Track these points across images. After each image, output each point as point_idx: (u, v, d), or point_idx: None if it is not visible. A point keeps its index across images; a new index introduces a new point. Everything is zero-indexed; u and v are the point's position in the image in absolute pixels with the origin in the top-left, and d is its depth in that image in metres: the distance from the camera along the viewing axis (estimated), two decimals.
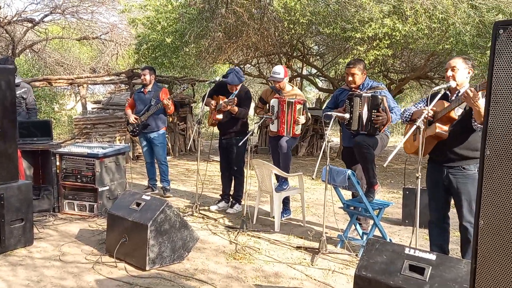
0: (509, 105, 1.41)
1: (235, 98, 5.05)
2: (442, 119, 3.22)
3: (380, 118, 3.94)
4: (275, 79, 4.96)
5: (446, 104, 3.21)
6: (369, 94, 4.04)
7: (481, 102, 2.92)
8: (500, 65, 1.44)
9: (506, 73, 1.41)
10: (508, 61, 1.41)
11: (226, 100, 5.08)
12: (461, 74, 3.20)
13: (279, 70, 4.92)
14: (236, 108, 5.12)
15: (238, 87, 5.25)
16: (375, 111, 3.96)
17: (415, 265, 2.44)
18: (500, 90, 1.43)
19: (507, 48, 1.41)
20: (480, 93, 2.94)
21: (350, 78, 4.27)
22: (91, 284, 3.23)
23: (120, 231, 3.66)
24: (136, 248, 3.53)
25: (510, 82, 1.41)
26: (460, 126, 3.18)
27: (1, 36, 11.84)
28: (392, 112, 4.03)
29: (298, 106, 4.85)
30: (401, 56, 9.62)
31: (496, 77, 1.44)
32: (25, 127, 5.26)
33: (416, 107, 3.55)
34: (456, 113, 3.19)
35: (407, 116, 3.53)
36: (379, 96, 3.99)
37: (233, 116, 5.22)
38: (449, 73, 3.23)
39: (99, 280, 3.29)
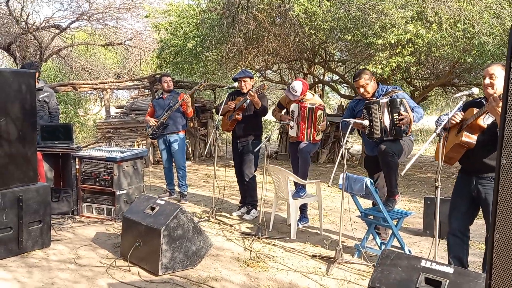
0: None
1: (264, 83, 5.03)
2: (470, 127, 3.09)
3: (404, 120, 3.83)
4: (291, 96, 4.89)
5: (476, 111, 3.08)
6: (387, 99, 3.94)
7: None
8: None
9: None
10: None
11: (254, 89, 5.08)
12: (500, 81, 2.98)
13: (297, 89, 4.81)
14: (259, 102, 5.09)
15: (250, 85, 5.23)
16: (397, 114, 3.86)
17: (431, 278, 2.35)
18: None
19: None
20: None
21: (362, 90, 4.18)
22: None
23: (134, 235, 3.66)
24: (150, 253, 3.52)
25: None
26: (489, 135, 3.03)
27: (29, 41, 12.18)
28: (413, 112, 3.93)
29: (319, 112, 4.78)
30: (425, 62, 9.42)
31: None
32: (47, 130, 5.36)
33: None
34: (486, 121, 3.05)
35: (438, 123, 3.39)
36: (397, 99, 3.89)
37: (251, 116, 5.20)
38: (487, 81, 3.03)
39: (112, 284, 3.30)
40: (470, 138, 3.10)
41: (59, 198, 5.11)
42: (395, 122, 3.87)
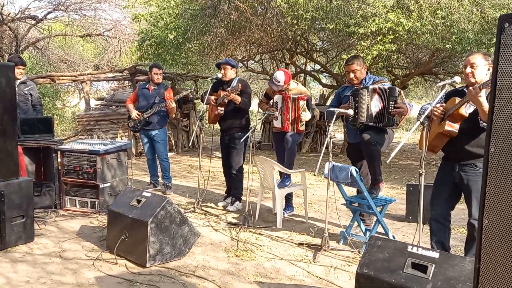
0: None
1: (239, 84, 4.99)
2: (453, 116, 3.15)
3: (400, 109, 3.87)
4: (274, 86, 4.89)
5: (458, 101, 3.14)
6: (386, 86, 3.97)
7: (483, 100, 2.87)
8: (505, 59, 1.39)
9: None
10: None
11: (229, 88, 5.03)
12: (481, 70, 3.05)
13: (280, 78, 4.81)
14: (239, 97, 5.07)
15: (235, 79, 5.20)
16: (393, 102, 3.90)
17: (417, 263, 2.40)
18: (505, 85, 1.38)
19: None
20: (484, 90, 2.88)
21: (351, 75, 4.22)
22: (91, 281, 3.21)
23: (120, 228, 3.64)
24: (137, 245, 3.51)
25: None
26: (471, 124, 3.09)
27: (4, 33, 11.84)
28: (409, 105, 3.98)
29: (301, 102, 4.79)
30: (405, 51, 9.53)
31: (502, 73, 1.40)
32: (27, 123, 5.25)
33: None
34: (467, 110, 3.11)
35: (422, 112, 3.45)
36: (397, 89, 3.93)
37: (235, 109, 5.17)
38: (468, 69, 3.08)
39: (99, 277, 3.28)
40: (453, 127, 3.16)
41: (41, 192, 5.03)
42: (389, 110, 3.90)
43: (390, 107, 3.89)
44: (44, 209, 4.97)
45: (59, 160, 5.07)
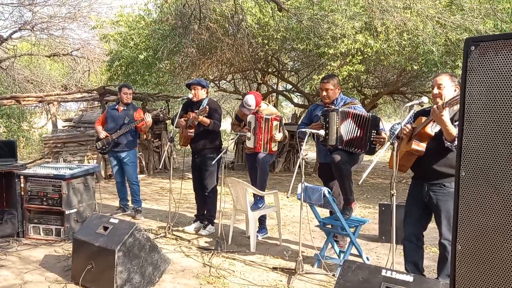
0: (484, 124, 1.35)
1: (207, 107, 4.93)
2: (419, 135, 3.18)
3: (382, 139, 3.87)
4: (246, 110, 4.84)
5: (424, 120, 3.17)
6: (364, 114, 3.97)
7: (446, 119, 2.91)
8: (473, 82, 1.39)
9: (480, 91, 1.36)
10: (481, 78, 1.36)
11: (197, 111, 4.96)
12: (448, 91, 3.09)
13: (251, 103, 4.75)
14: (207, 120, 5.00)
15: (205, 100, 5.14)
16: (375, 132, 3.90)
17: (392, 287, 2.37)
18: (473, 108, 1.38)
19: (479, 65, 1.36)
20: (447, 109, 2.93)
21: (324, 93, 4.24)
22: None
23: (86, 257, 3.47)
24: (103, 275, 3.34)
25: (484, 99, 1.36)
26: (437, 143, 3.12)
27: None
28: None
29: (275, 123, 4.77)
30: (374, 71, 9.74)
31: (470, 95, 1.39)
32: None
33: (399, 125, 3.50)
34: (433, 129, 3.14)
35: (392, 133, 3.47)
36: (379, 118, 3.94)
37: (206, 131, 5.09)
38: (436, 90, 3.11)
39: None
40: (420, 146, 3.19)
41: (3, 220, 4.77)
42: (371, 139, 3.91)
43: (372, 136, 3.90)
44: (5, 238, 4.71)
45: (22, 185, 4.85)
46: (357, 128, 3.96)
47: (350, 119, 3.99)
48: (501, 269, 1.33)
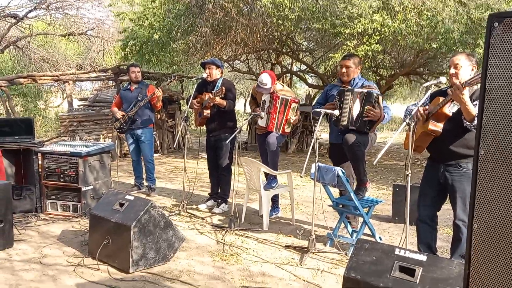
0: (505, 102, 1.32)
1: (223, 88, 4.91)
2: (436, 116, 3.14)
3: (372, 112, 3.84)
4: (263, 90, 4.77)
5: (442, 100, 3.13)
6: (364, 90, 3.94)
7: (467, 98, 2.87)
8: (495, 59, 1.35)
9: (502, 68, 1.33)
10: (504, 55, 1.33)
11: (213, 91, 4.94)
12: (465, 71, 3.06)
13: (267, 81, 4.69)
14: (223, 102, 4.99)
15: (220, 80, 5.13)
16: (367, 107, 3.86)
17: (405, 266, 2.37)
18: (495, 86, 1.35)
19: (502, 41, 1.33)
20: (467, 89, 2.88)
21: (344, 70, 4.19)
22: None
23: (102, 233, 3.54)
24: (119, 250, 3.42)
25: (506, 77, 1.33)
26: (455, 124, 3.08)
27: None
28: (384, 112, 3.95)
29: (293, 105, 4.73)
30: (390, 52, 9.57)
31: (491, 73, 1.36)
32: (6, 125, 5.10)
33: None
34: (451, 110, 3.10)
35: (408, 113, 3.43)
36: (375, 94, 3.90)
37: (221, 111, 5.09)
38: (452, 70, 3.08)
39: (80, 284, 3.18)
40: (437, 126, 3.15)
41: (21, 196, 4.89)
42: (363, 114, 3.88)
43: (365, 110, 3.87)
44: (24, 213, 4.84)
45: (39, 162, 4.94)
46: (359, 105, 3.93)
47: (358, 98, 3.95)
48: None
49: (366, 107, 3.86)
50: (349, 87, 4.10)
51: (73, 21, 12.56)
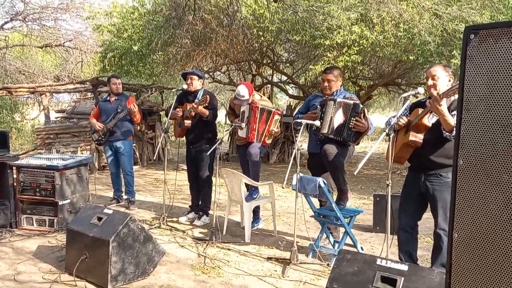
0: (482, 112, 1.34)
1: (207, 96, 4.87)
2: (417, 127, 3.19)
3: (360, 124, 3.87)
4: (241, 102, 4.76)
5: (421, 111, 3.18)
6: (351, 102, 3.97)
7: (444, 109, 2.92)
8: (472, 70, 1.38)
9: (479, 79, 1.35)
10: (480, 66, 1.35)
11: (196, 100, 4.91)
12: (442, 82, 3.12)
13: (244, 93, 4.68)
14: (206, 111, 4.96)
15: (201, 91, 5.10)
16: (354, 118, 3.89)
17: (387, 276, 2.37)
18: (472, 96, 1.37)
19: (479, 52, 1.35)
20: (444, 100, 2.94)
21: (325, 84, 4.22)
22: None
23: (80, 248, 3.45)
24: (97, 265, 3.33)
25: (483, 87, 1.35)
26: (434, 134, 3.13)
27: None
28: (370, 124, 3.99)
29: (276, 117, 4.72)
30: (369, 63, 9.72)
31: (468, 83, 1.38)
32: None
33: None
34: (430, 121, 3.15)
35: (388, 124, 3.47)
36: (361, 106, 3.94)
37: (202, 122, 5.05)
38: (430, 82, 3.13)
39: None
40: (417, 137, 3.19)
41: None
42: (350, 126, 3.90)
43: (351, 123, 3.90)
44: None
45: (14, 176, 4.80)
46: (343, 116, 3.96)
47: (341, 108, 3.98)
48: (497, 258, 1.33)
49: (353, 119, 3.88)
50: (332, 97, 4.13)
51: (50, 33, 12.41)
